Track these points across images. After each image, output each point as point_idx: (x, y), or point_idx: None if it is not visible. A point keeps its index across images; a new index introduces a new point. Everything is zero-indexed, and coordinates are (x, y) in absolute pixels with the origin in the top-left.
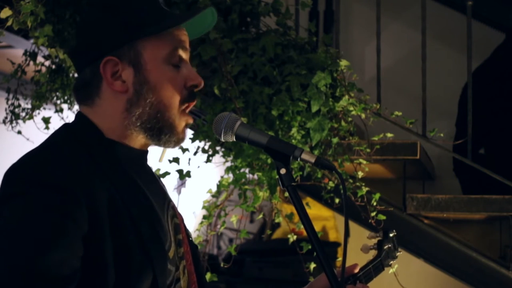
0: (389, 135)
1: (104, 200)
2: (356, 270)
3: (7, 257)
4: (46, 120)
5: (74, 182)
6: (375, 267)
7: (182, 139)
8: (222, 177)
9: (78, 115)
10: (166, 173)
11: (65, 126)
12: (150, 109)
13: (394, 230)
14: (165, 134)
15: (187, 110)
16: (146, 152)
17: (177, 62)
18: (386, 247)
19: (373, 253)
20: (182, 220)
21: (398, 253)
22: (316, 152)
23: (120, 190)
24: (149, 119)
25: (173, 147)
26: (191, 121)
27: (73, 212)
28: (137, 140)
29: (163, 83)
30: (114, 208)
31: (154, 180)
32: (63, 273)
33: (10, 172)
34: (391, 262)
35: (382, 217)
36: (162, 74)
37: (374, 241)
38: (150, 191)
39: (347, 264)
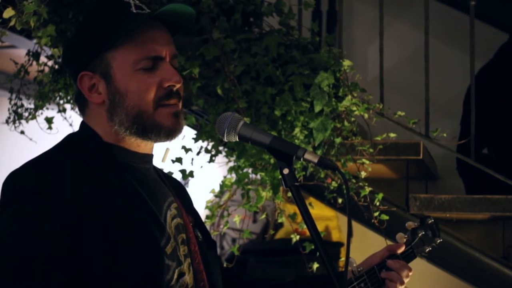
0: (392, 135)
1: (92, 201)
2: (400, 250)
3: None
4: (49, 120)
5: (60, 187)
6: (406, 255)
7: (174, 130)
8: (225, 177)
9: (81, 124)
10: (169, 173)
11: (69, 135)
12: (127, 115)
13: (432, 217)
14: (151, 132)
15: (168, 106)
16: (147, 155)
17: (149, 66)
18: (420, 234)
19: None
20: (191, 221)
21: (439, 240)
22: (319, 152)
23: (112, 190)
24: (130, 124)
25: (168, 140)
26: (174, 109)
27: (58, 215)
28: (133, 143)
29: (133, 89)
30: (104, 208)
31: (154, 181)
32: (48, 275)
33: (6, 181)
34: (428, 249)
35: (385, 217)
36: (131, 80)
37: (410, 229)
38: (147, 191)
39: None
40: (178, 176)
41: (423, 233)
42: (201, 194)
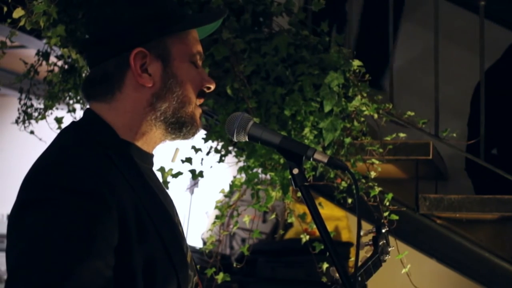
0: (401, 135)
1: (130, 206)
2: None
3: (37, 267)
4: (59, 120)
5: (103, 188)
6: (374, 264)
7: (199, 130)
8: (234, 177)
9: (88, 113)
10: (179, 173)
11: (75, 125)
12: (176, 103)
13: (386, 226)
14: (187, 127)
15: (199, 107)
16: (153, 155)
17: (197, 61)
18: (381, 243)
19: (367, 249)
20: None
21: (390, 249)
22: (328, 152)
23: (140, 195)
24: (173, 113)
25: (191, 137)
26: (201, 111)
27: (104, 219)
28: (152, 138)
29: (188, 78)
30: (139, 215)
31: (161, 183)
32: (97, 284)
33: (32, 177)
34: (386, 257)
35: (394, 217)
36: (187, 70)
37: (369, 237)
38: (162, 196)
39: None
40: (188, 176)
41: (383, 241)
42: (211, 194)
